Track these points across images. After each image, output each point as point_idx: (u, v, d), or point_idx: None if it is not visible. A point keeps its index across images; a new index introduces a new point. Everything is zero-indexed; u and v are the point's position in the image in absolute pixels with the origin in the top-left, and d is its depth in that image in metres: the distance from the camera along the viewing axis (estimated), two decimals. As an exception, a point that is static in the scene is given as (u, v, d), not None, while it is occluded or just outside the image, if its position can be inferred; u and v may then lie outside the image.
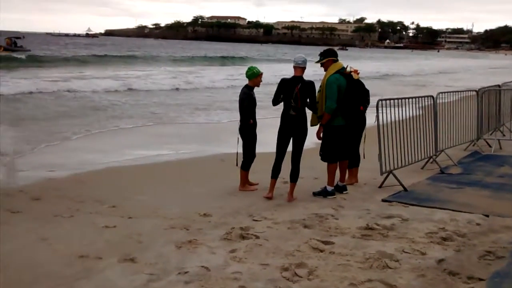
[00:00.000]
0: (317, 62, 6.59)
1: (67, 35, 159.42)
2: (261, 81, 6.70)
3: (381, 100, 6.90)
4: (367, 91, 6.73)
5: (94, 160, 8.97)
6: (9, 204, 6.29)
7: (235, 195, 6.81)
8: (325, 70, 6.52)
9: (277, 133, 6.56)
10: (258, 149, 10.18)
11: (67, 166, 8.45)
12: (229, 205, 6.27)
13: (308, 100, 6.21)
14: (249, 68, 6.82)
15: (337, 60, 6.52)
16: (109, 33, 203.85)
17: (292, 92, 6.07)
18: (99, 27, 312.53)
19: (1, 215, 5.84)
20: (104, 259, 4.48)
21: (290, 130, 6.28)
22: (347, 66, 6.58)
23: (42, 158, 9.06)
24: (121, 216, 5.83)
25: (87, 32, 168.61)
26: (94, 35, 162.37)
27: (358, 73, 6.46)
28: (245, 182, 7.03)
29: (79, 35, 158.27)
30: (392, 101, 7.32)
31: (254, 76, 6.68)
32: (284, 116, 6.28)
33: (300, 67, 6.22)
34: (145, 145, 10.79)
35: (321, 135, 6.63)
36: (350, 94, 6.44)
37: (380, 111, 6.86)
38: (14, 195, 6.73)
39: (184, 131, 12.69)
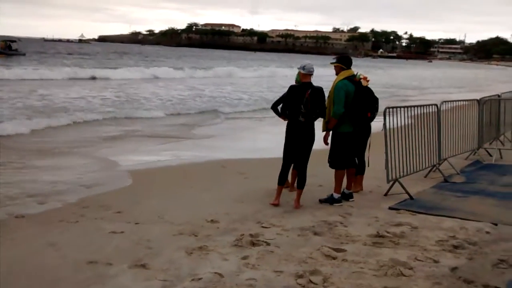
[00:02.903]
0: (331, 63, 6.73)
1: (60, 40, 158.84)
2: None
3: (389, 108, 6.91)
4: (376, 98, 6.74)
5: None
6: (11, 208, 6.23)
7: (240, 202, 6.76)
8: (336, 75, 6.55)
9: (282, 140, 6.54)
10: (261, 155, 10.24)
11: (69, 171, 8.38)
12: (235, 211, 6.23)
13: (318, 105, 6.21)
14: (298, 74, 6.97)
15: (347, 68, 6.53)
16: (102, 39, 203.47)
17: (303, 97, 6.06)
18: (92, 33, 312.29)
19: (5, 220, 5.77)
20: (114, 265, 4.42)
21: (299, 137, 6.25)
22: (357, 73, 6.60)
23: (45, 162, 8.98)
24: (128, 221, 5.77)
25: (80, 38, 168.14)
26: (87, 41, 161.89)
27: (367, 81, 6.48)
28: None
29: (72, 41, 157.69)
30: (397, 109, 7.32)
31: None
32: (292, 123, 6.26)
33: (310, 74, 6.23)
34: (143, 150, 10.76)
35: (328, 141, 6.63)
36: (358, 101, 6.45)
37: (387, 119, 6.86)
38: (15, 199, 6.64)
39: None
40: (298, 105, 6.11)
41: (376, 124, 7.23)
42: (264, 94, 25.37)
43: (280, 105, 6.90)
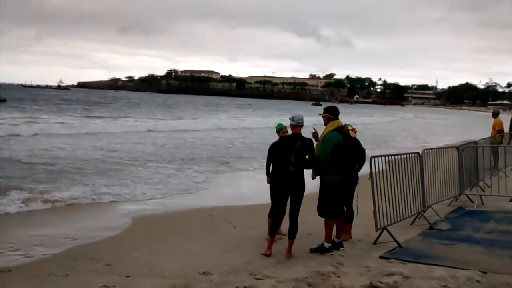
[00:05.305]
0: (320, 114, 6.88)
1: (38, 86, 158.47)
2: (286, 132, 7.13)
3: (374, 157, 7.07)
4: (363, 150, 6.91)
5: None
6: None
7: (231, 252, 6.73)
8: (324, 125, 6.71)
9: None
10: (247, 202, 10.26)
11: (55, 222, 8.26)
12: (227, 262, 6.19)
13: (307, 157, 6.33)
14: (276, 126, 7.48)
15: (335, 118, 6.70)
16: (81, 85, 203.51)
17: (293, 148, 6.19)
18: (71, 79, 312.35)
19: (-9, 275, 5.63)
20: (109, 321, 4.33)
21: (289, 187, 6.34)
22: (345, 124, 6.78)
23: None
24: (118, 275, 5.68)
25: (59, 84, 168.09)
26: (66, 87, 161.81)
27: (355, 132, 6.66)
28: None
29: (50, 87, 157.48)
30: (382, 157, 7.48)
31: (278, 132, 7.28)
32: (282, 173, 6.34)
33: (299, 125, 6.38)
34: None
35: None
36: (347, 152, 6.60)
37: (373, 168, 7.01)
38: (2, 253, 6.51)
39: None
40: (288, 155, 6.23)
41: (361, 171, 7.36)
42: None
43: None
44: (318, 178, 6.69)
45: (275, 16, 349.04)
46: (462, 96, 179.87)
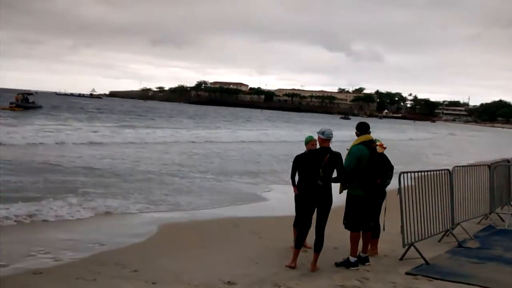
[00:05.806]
0: None
1: (72, 94, 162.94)
2: (314, 144, 7.10)
3: (403, 173, 7.01)
4: (391, 166, 6.87)
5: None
6: (29, 264, 6.27)
7: (256, 263, 6.76)
8: None
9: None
10: (272, 213, 10.25)
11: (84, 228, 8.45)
12: (252, 273, 6.22)
13: (335, 170, 6.34)
14: (306, 137, 7.52)
15: (362, 133, 6.71)
16: (113, 94, 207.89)
17: (321, 161, 6.20)
18: (103, 88, 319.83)
19: (23, 276, 5.80)
20: (134, 326, 4.41)
21: (316, 200, 6.34)
22: (375, 139, 6.77)
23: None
24: (145, 281, 5.77)
25: (91, 92, 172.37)
26: (98, 96, 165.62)
27: (384, 148, 6.65)
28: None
29: (83, 95, 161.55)
30: (412, 174, 7.41)
31: (306, 143, 7.34)
32: (309, 187, 6.35)
33: (328, 139, 6.40)
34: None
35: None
36: (371, 167, 6.58)
37: (402, 183, 6.95)
38: (34, 255, 6.69)
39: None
40: (316, 169, 6.24)
41: (389, 187, 7.31)
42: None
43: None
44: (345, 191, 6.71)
45: (305, 30, 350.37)
46: (495, 113, 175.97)
